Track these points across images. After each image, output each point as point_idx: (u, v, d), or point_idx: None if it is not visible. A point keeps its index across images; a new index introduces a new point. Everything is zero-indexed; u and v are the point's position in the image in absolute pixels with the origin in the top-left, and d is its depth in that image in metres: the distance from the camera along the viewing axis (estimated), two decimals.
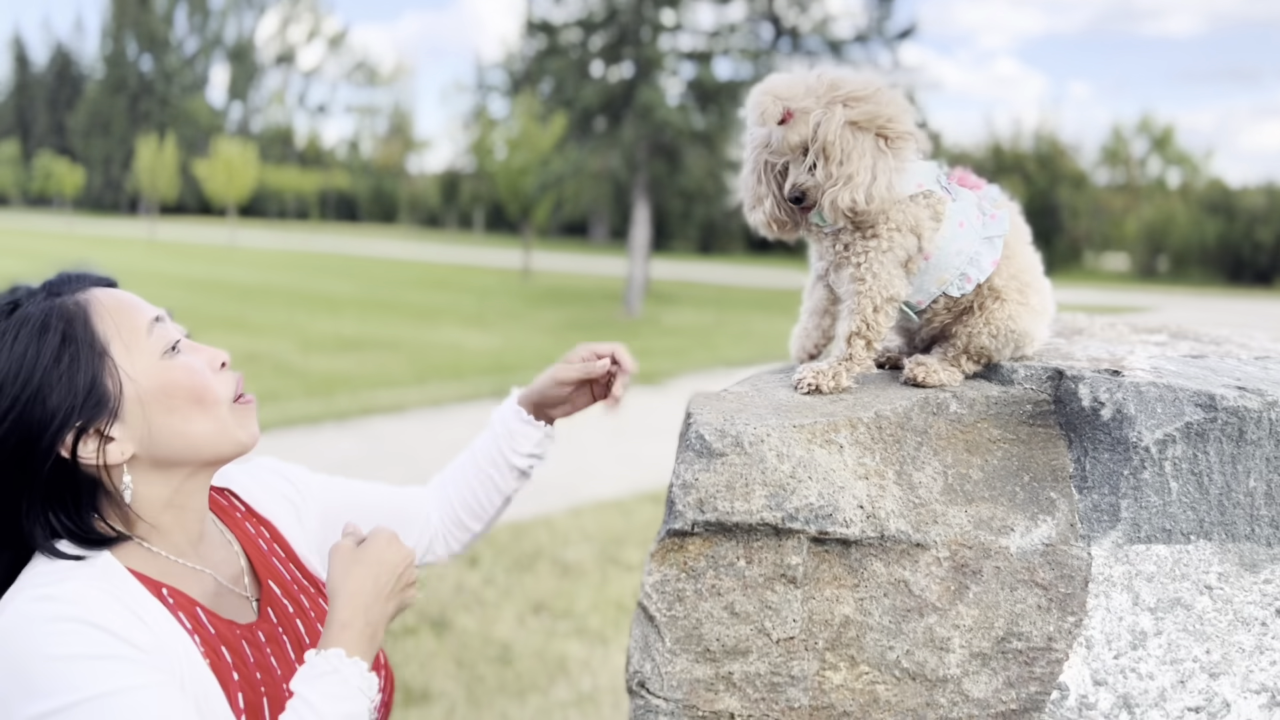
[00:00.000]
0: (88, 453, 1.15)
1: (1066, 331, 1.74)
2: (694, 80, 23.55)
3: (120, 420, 1.16)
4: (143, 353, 1.18)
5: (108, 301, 1.19)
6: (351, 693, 1.12)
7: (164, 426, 1.18)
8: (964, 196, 1.43)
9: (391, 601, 1.22)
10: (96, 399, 1.15)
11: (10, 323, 1.15)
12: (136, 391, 1.17)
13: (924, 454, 1.36)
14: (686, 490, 1.25)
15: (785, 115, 1.32)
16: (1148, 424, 1.35)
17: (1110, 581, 1.33)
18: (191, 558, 1.26)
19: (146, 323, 1.20)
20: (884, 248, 1.37)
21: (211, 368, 1.23)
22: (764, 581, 1.26)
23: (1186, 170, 45.23)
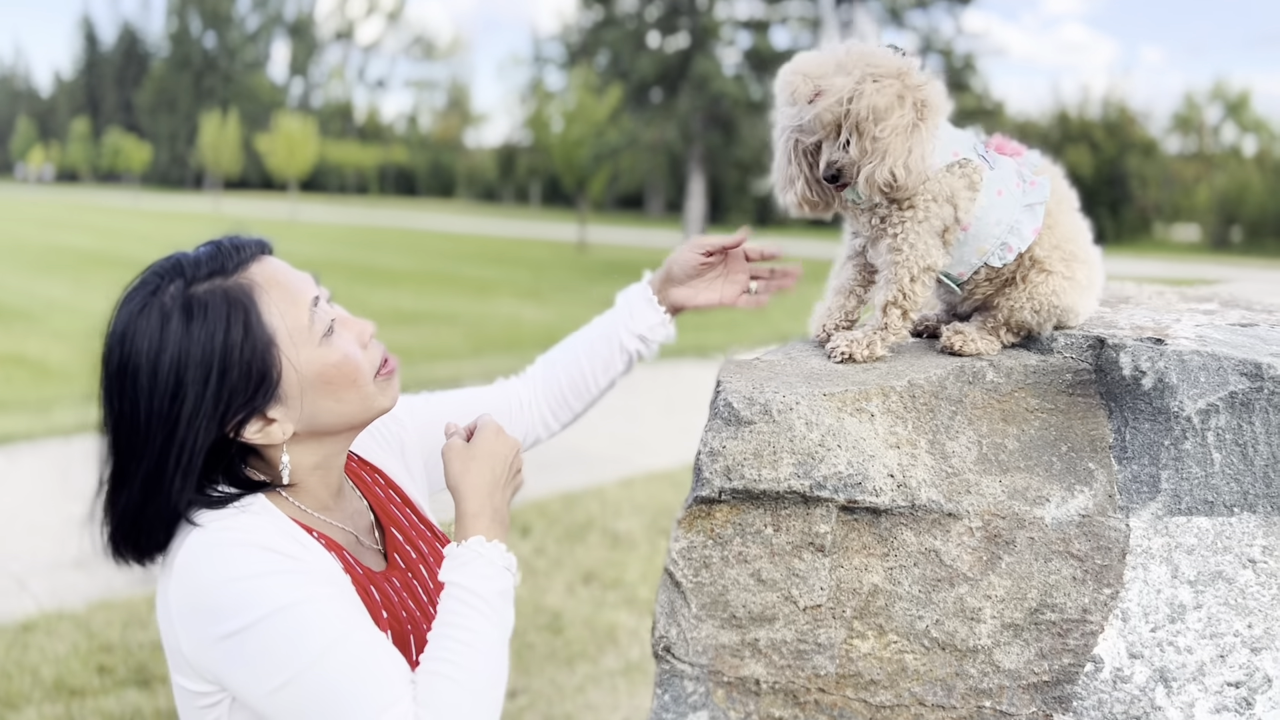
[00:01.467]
0: (253, 434, 1.22)
1: (1113, 300, 1.70)
2: (751, 49, 23.29)
3: (282, 404, 1.23)
4: (304, 342, 1.23)
5: (273, 288, 1.23)
6: (499, 571, 1.21)
7: (320, 407, 1.25)
8: (1002, 164, 1.40)
9: (508, 488, 1.30)
10: (265, 388, 1.20)
11: (187, 304, 1.18)
12: (298, 379, 1.23)
13: (958, 423, 1.35)
14: (714, 458, 1.25)
15: (816, 93, 1.31)
16: (1190, 393, 1.31)
17: (1149, 554, 1.31)
18: (333, 513, 1.35)
19: (308, 309, 1.23)
20: (920, 218, 1.35)
21: (361, 342, 1.29)
22: (791, 549, 1.25)
23: (1263, 137, 43.70)
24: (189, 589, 1.14)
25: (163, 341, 1.17)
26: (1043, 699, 1.26)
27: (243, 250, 1.25)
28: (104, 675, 3.94)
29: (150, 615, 4.47)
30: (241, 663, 1.11)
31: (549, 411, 1.68)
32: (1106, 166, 36.39)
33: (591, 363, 1.66)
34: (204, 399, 1.17)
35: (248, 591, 1.11)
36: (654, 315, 1.64)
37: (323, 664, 1.09)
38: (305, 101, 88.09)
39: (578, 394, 1.68)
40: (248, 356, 1.19)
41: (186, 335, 1.17)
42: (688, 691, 1.24)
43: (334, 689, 1.09)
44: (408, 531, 1.44)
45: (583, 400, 1.68)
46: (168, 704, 3.72)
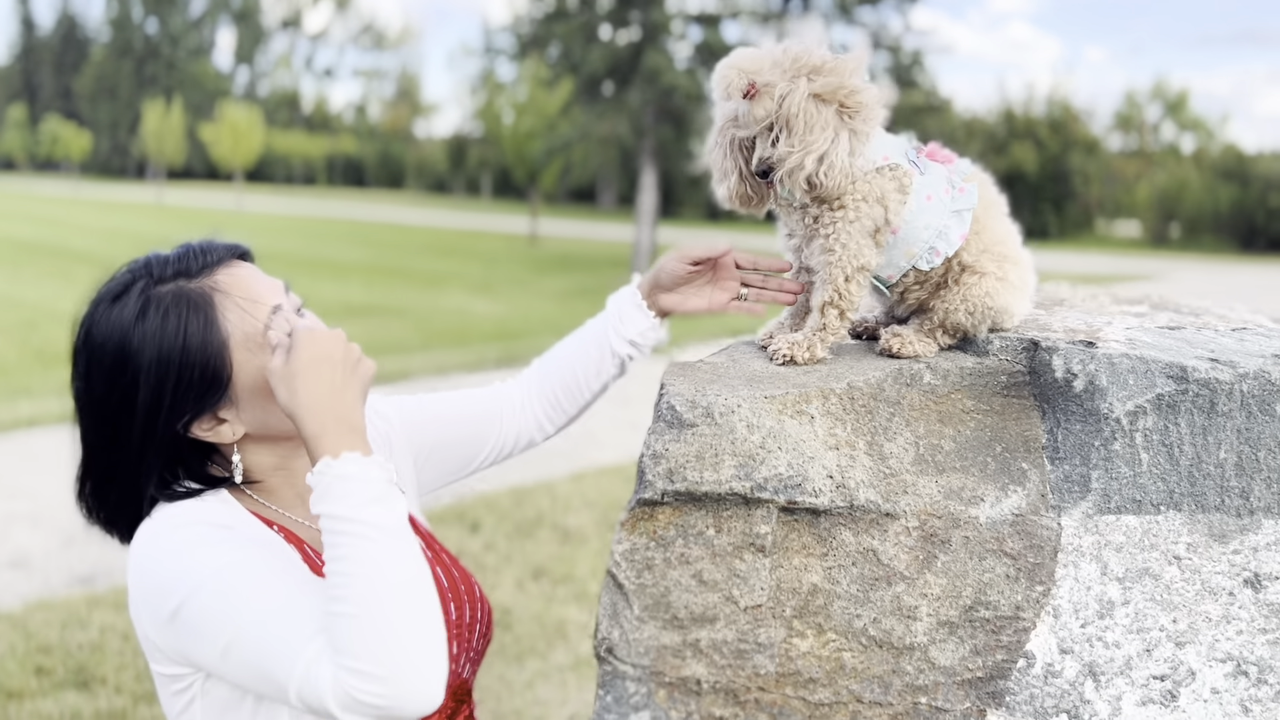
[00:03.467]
0: (203, 432, 1.26)
1: (1047, 303, 1.74)
2: (702, 44, 23.34)
3: (233, 405, 1.26)
4: (259, 348, 1.25)
5: (233, 291, 1.26)
6: (359, 484, 1.12)
7: (271, 411, 1.26)
8: (933, 170, 1.43)
9: (349, 387, 1.20)
10: (216, 389, 1.24)
11: (147, 302, 1.23)
12: (249, 383, 1.26)
13: (896, 424, 1.37)
14: (657, 460, 1.27)
15: (750, 89, 1.33)
16: (1119, 395, 1.35)
17: (1079, 551, 1.34)
18: (299, 511, 1.36)
19: (265, 317, 1.26)
20: (851, 218, 1.37)
21: None
22: (733, 550, 1.27)
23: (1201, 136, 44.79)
24: (137, 575, 1.20)
25: (122, 337, 1.22)
26: (977, 694, 1.30)
27: (210, 254, 1.29)
28: (42, 677, 3.86)
29: (89, 615, 4.40)
30: (191, 635, 1.15)
31: (543, 414, 1.69)
32: (1050, 163, 37.04)
33: (584, 366, 1.66)
34: (156, 395, 1.22)
35: (181, 567, 1.16)
36: (644, 320, 1.64)
37: (252, 620, 1.12)
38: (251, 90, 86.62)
39: (570, 397, 1.68)
40: (200, 357, 1.23)
41: (144, 332, 1.22)
42: (630, 692, 1.25)
43: (265, 641, 1.12)
44: None
45: (576, 403, 1.69)
46: (108, 705, 3.66)
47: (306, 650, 1.10)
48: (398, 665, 1.08)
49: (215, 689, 1.22)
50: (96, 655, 4.03)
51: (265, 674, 1.12)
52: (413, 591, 1.11)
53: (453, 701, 1.42)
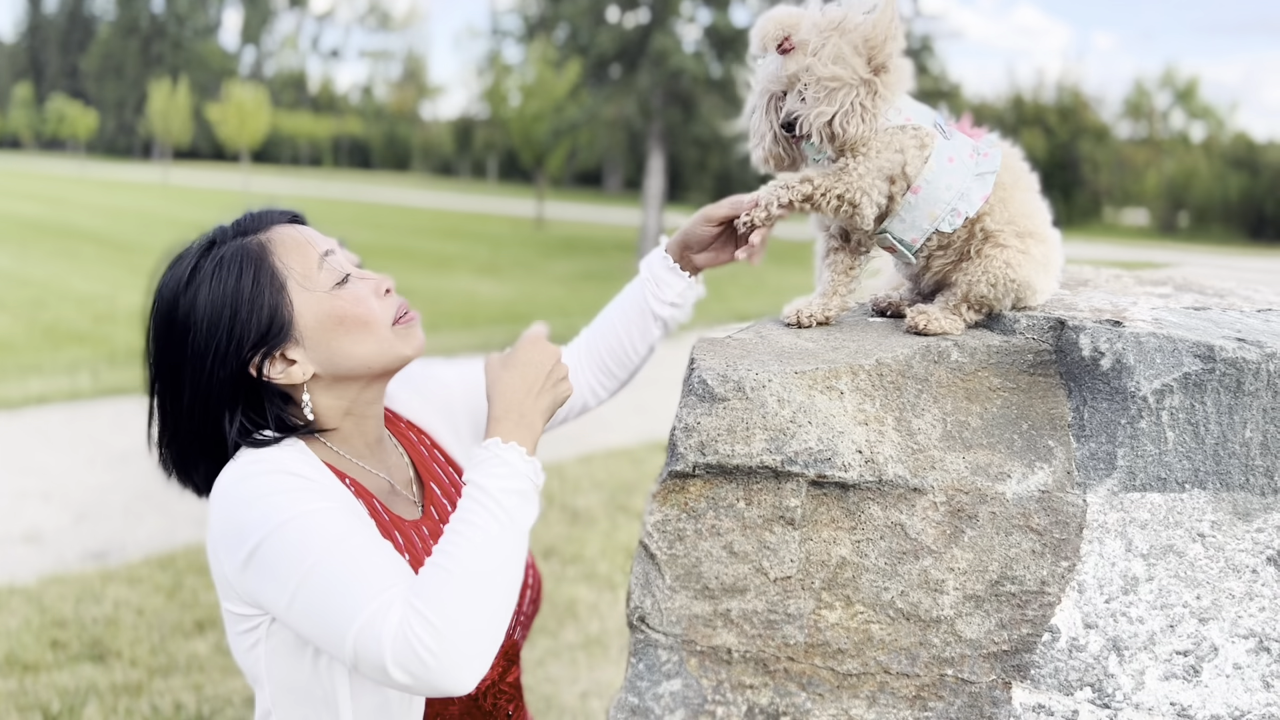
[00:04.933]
0: (274, 373, 1.35)
1: (1072, 283, 1.74)
2: (710, 27, 23.23)
3: (300, 345, 1.35)
4: (315, 287, 1.35)
5: (286, 241, 1.37)
6: (513, 472, 1.24)
7: (337, 349, 1.36)
8: (959, 137, 1.44)
9: (544, 396, 1.34)
10: (278, 328, 1.33)
11: (208, 261, 1.34)
12: (311, 320, 1.35)
13: (924, 401, 1.38)
14: (688, 433, 1.28)
15: (784, 42, 1.35)
16: (1146, 374, 1.36)
17: (1104, 528, 1.36)
18: (369, 461, 1.45)
19: (317, 259, 1.37)
20: (870, 155, 1.39)
21: (376, 294, 1.39)
22: (762, 523, 1.28)
23: (1210, 124, 44.55)
24: (219, 516, 1.26)
25: (187, 292, 1.33)
26: (1002, 667, 1.31)
27: (265, 217, 1.40)
28: (57, 650, 3.90)
29: (103, 589, 4.43)
30: (265, 577, 1.20)
31: (595, 380, 1.74)
32: (1059, 150, 36.90)
33: (629, 332, 1.71)
34: (220, 338, 1.31)
35: (261, 510, 1.22)
36: (679, 282, 1.68)
37: (324, 565, 1.17)
38: (257, 70, 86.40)
39: (619, 363, 1.73)
40: (259, 300, 1.32)
41: (206, 286, 1.32)
42: (661, 660, 1.27)
43: (334, 585, 1.16)
44: (447, 488, 1.54)
45: (626, 368, 1.74)
46: (123, 678, 3.70)
47: (372, 602, 1.14)
48: (460, 633, 1.13)
49: (280, 634, 1.28)
50: (111, 629, 4.07)
51: (328, 622, 1.16)
52: (505, 584, 1.19)
53: (504, 661, 1.46)
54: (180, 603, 4.36)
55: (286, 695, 1.32)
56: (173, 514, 5.46)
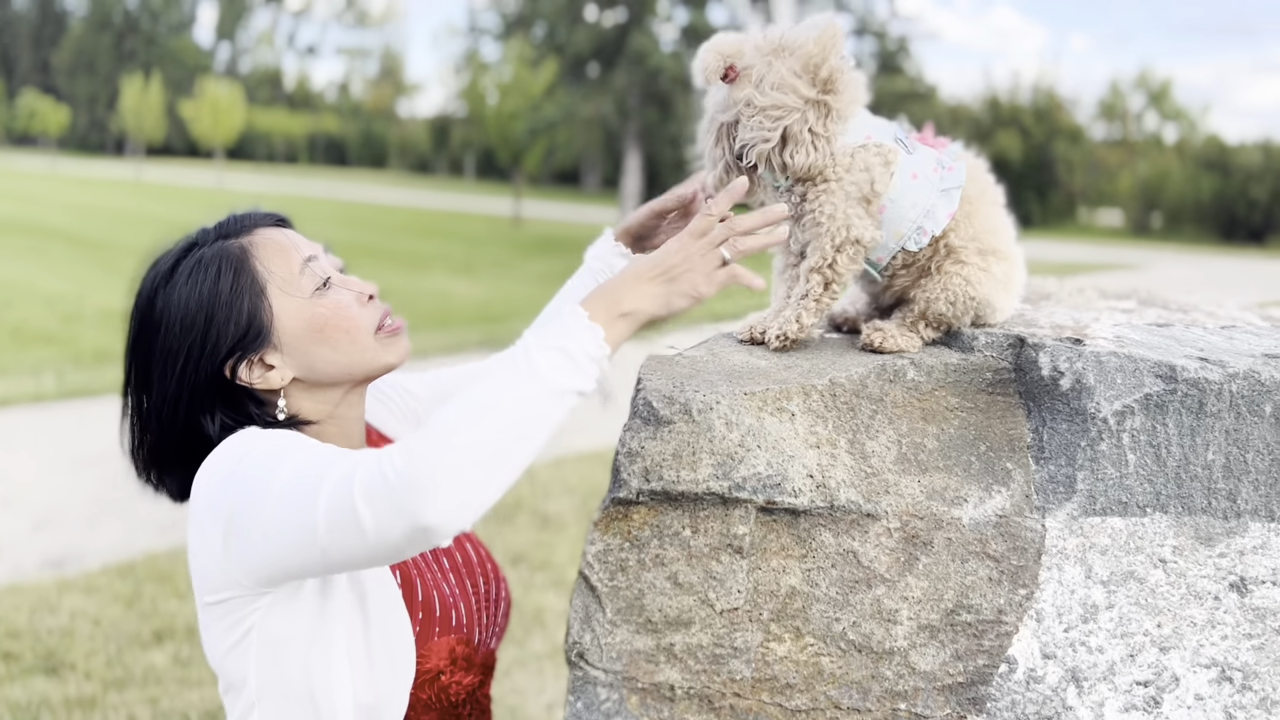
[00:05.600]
0: (252, 378, 1.33)
1: (1034, 297, 1.70)
2: (688, 26, 23.20)
3: (278, 351, 1.33)
4: (296, 292, 1.33)
5: (269, 245, 1.35)
6: (564, 331, 1.15)
7: (317, 356, 1.33)
8: (921, 151, 1.39)
9: (650, 285, 1.20)
10: (255, 332, 1.31)
11: (188, 261, 1.33)
12: (290, 326, 1.32)
13: (878, 422, 1.34)
14: (632, 459, 1.23)
15: (729, 72, 1.29)
16: (1106, 395, 1.32)
17: (1063, 554, 1.31)
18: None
19: (299, 264, 1.34)
20: (835, 189, 1.34)
21: (359, 301, 1.37)
22: (709, 551, 1.23)
23: (1183, 126, 44.95)
24: (203, 479, 1.23)
25: (164, 291, 1.32)
26: (957, 700, 1.27)
27: (248, 219, 1.39)
28: (10, 662, 3.80)
29: (59, 600, 4.33)
30: (246, 492, 1.17)
31: None
32: (1035, 151, 37.11)
33: None
34: (194, 340, 1.30)
35: (242, 443, 1.23)
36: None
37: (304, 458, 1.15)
38: (233, 67, 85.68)
39: None
40: (237, 303, 1.30)
41: (183, 286, 1.30)
42: (601, 699, 1.22)
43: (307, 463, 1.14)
44: None
45: None
46: (77, 691, 3.61)
47: (343, 461, 1.11)
48: (438, 457, 1.06)
49: (270, 627, 1.23)
50: (66, 640, 3.97)
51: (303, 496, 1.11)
52: (503, 429, 1.09)
53: (482, 673, 1.42)
54: (139, 613, 4.27)
55: (271, 695, 1.27)
56: (133, 520, 5.36)
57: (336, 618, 1.25)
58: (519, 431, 1.09)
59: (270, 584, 1.20)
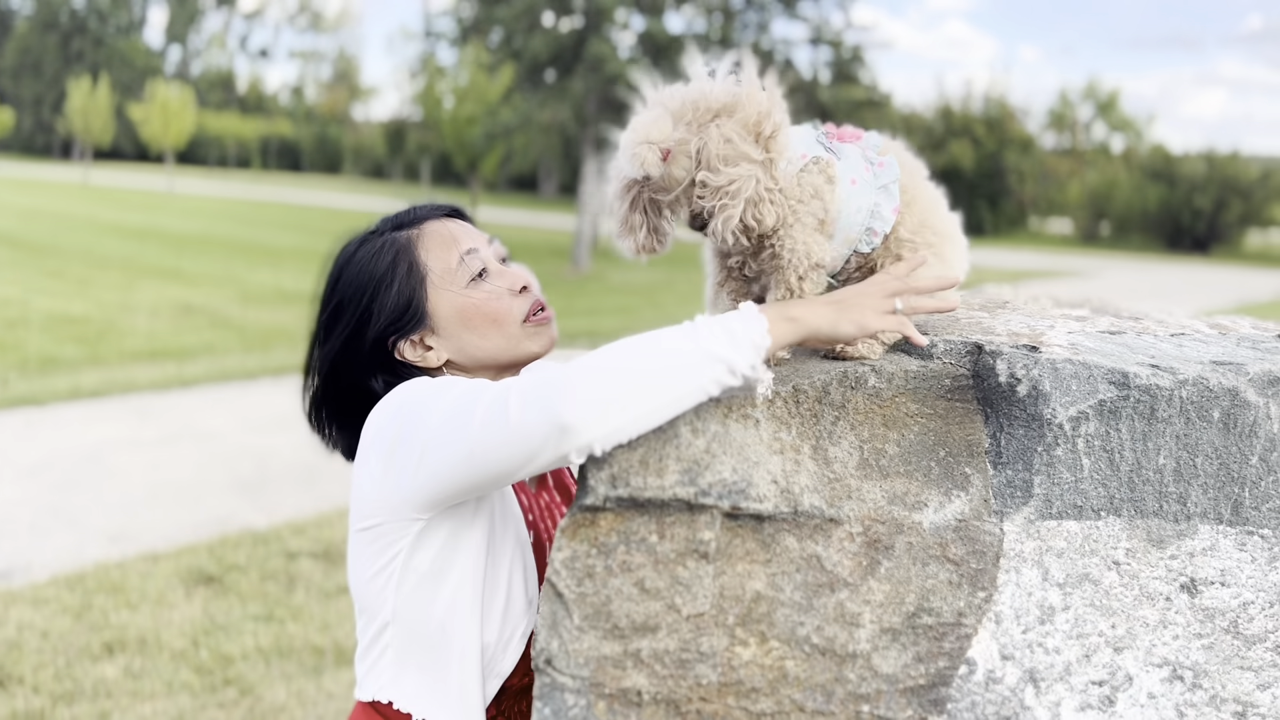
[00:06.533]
0: (412, 355, 1.47)
1: (990, 305, 1.73)
2: (645, 33, 23.26)
3: (435, 334, 1.47)
4: (452, 281, 1.46)
5: (434, 236, 1.49)
6: (731, 319, 1.24)
7: (467, 342, 1.46)
8: (847, 153, 1.40)
9: (822, 305, 1.32)
10: (412, 315, 1.46)
11: (367, 245, 1.49)
12: (445, 313, 1.46)
13: (840, 428, 1.36)
14: (599, 465, 1.23)
15: (665, 155, 1.28)
16: (1062, 401, 1.35)
17: (1021, 557, 1.34)
18: None
19: (459, 256, 1.47)
20: (793, 222, 1.35)
21: (511, 291, 1.48)
22: (676, 557, 1.24)
23: (1130, 136, 45.88)
24: (382, 402, 1.37)
25: (346, 268, 1.49)
26: (919, 702, 1.29)
27: (422, 210, 1.54)
28: None
29: (6, 612, 4.24)
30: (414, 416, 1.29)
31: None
32: (987, 161, 37.67)
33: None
34: (360, 310, 1.45)
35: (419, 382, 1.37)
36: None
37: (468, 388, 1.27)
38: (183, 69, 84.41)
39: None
40: (397, 285, 1.45)
41: (357, 264, 1.48)
42: (569, 705, 1.22)
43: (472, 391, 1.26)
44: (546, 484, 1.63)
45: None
46: (25, 705, 3.53)
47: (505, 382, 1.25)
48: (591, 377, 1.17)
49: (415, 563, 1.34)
50: (13, 653, 3.89)
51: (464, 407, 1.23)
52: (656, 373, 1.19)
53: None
54: (89, 624, 4.19)
55: (405, 622, 1.37)
56: (83, 530, 5.26)
57: (475, 564, 1.35)
58: (666, 378, 1.19)
59: (421, 506, 1.29)
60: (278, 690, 3.76)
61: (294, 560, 4.96)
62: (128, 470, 6.31)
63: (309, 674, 3.89)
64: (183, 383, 8.74)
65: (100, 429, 7.21)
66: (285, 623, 4.29)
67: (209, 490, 6.02)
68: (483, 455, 1.20)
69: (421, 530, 1.32)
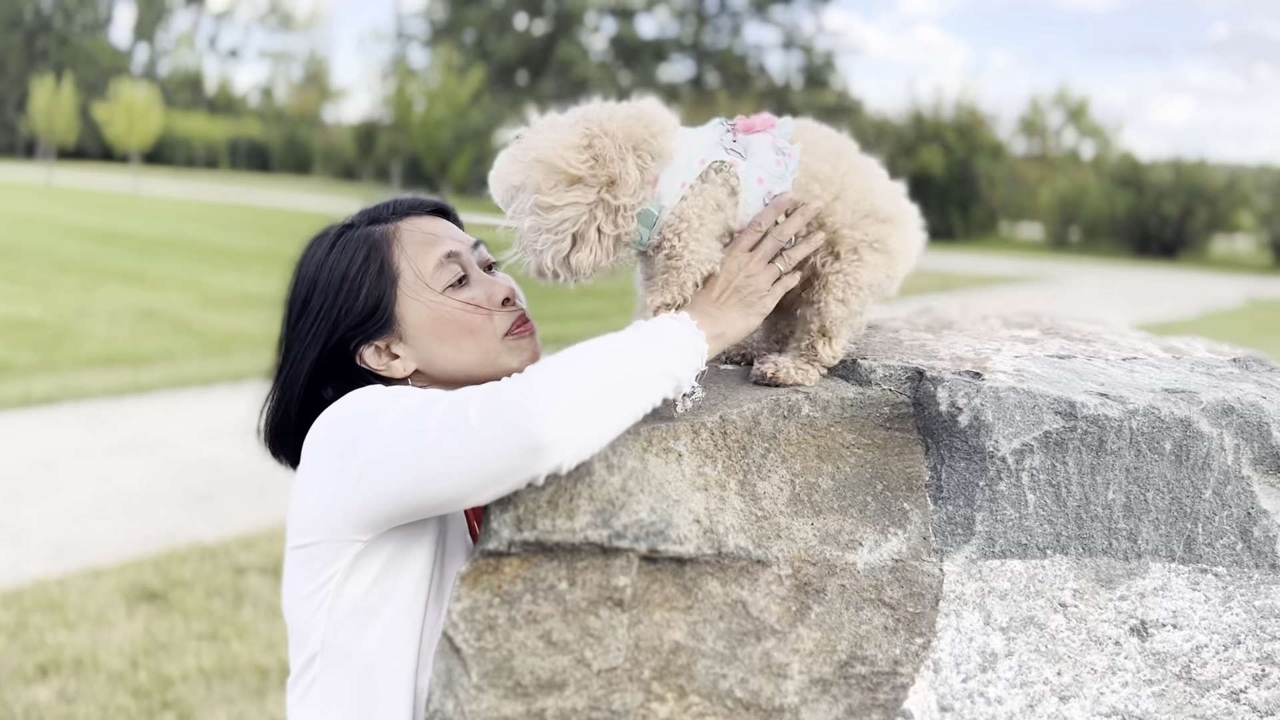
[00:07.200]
0: (376, 363, 1.35)
1: (936, 326, 1.65)
2: (615, 37, 23.18)
3: (403, 341, 1.35)
4: (426, 285, 1.34)
5: (412, 235, 1.37)
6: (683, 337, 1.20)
7: (438, 353, 1.34)
8: (755, 148, 1.31)
9: (732, 310, 1.27)
10: (379, 318, 1.34)
11: (340, 240, 1.37)
12: (416, 319, 1.34)
13: (771, 461, 1.27)
14: (503, 506, 1.13)
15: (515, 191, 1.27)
16: (1005, 432, 1.26)
17: (962, 600, 1.26)
18: None
19: (438, 258, 1.35)
20: (695, 227, 1.26)
21: (492, 302, 1.36)
22: (587, 606, 1.14)
23: (1099, 143, 46.28)
24: (329, 409, 1.24)
25: (310, 265, 1.38)
26: None
27: (403, 204, 1.42)
28: None
29: None
30: (359, 424, 1.18)
31: None
32: (957, 167, 37.84)
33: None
34: (325, 309, 1.34)
35: (367, 390, 1.24)
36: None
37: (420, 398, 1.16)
38: (151, 69, 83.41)
39: None
40: (366, 286, 1.33)
41: (327, 260, 1.36)
42: None
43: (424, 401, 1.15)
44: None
45: None
46: None
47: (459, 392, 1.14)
48: (552, 382, 1.07)
49: (347, 593, 1.22)
50: None
51: (415, 415, 1.13)
52: (625, 384, 1.12)
53: None
54: (22, 645, 4.03)
55: (333, 657, 1.25)
56: (25, 544, 5.10)
57: (414, 600, 1.24)
58: (628, 392, 1.12)
59: (361, 527, 1.18)
60: (218, 713, 3.63)
61: (242, 575, 4.81)
62: (76, 481, 6.13)
63: (251, 696, 3.76)
64: (138, 389, 8.54)
65: (50, 438, 7.02)
66: (229, 641, 4.16)
67: (159, 502, 5.86)
68: (436, 474, 1.09)
69: (360, 554, 1.20)
